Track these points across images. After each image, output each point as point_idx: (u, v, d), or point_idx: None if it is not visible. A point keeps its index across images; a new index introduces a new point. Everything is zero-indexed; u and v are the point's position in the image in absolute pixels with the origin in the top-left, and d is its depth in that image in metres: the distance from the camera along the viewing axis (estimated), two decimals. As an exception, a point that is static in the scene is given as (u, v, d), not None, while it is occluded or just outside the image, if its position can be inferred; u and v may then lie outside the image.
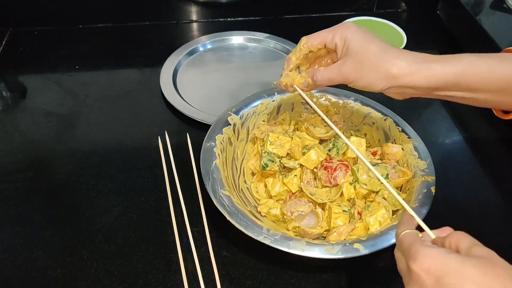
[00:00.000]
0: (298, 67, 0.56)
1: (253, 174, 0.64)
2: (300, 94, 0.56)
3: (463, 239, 0.38)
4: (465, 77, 0.47)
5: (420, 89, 0.49)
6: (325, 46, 0.53)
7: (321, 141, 0.63)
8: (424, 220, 0.52)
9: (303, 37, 0.54)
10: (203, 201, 0.60)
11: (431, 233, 0.40)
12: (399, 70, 0.48)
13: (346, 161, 0.60)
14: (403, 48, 0.83)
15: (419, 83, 0.48)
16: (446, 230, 0.41)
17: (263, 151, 0.61)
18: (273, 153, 0.61)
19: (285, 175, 0.60)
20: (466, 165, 0.69)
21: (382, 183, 0.58)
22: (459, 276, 0.34)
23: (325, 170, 0.58)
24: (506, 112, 0.53)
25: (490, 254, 0.36)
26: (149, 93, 0.79)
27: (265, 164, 0.59)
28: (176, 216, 0.59)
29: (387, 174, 0.58)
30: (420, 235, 0.40)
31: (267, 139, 0.61)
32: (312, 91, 0.69)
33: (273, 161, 0.60)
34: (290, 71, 0.55)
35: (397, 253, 0.40)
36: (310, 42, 0.53)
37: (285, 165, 0.60)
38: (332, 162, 0.58)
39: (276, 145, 0.61)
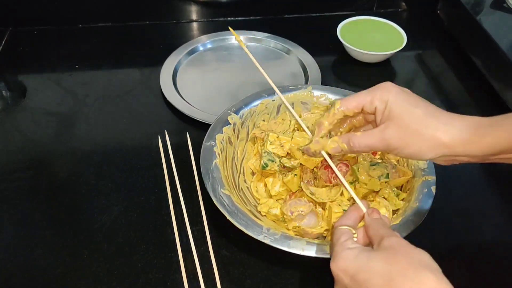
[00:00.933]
0: (330, 132, 0.51)
1: (253, 173, 0.64)
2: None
3: (379, 231, 0.40)
4: None
5: (476, 157, 0.43)
6: (362, 110, 0.47)
7: None
8: (425, 220, 0.53)
9: (337, 100, 0.48)
10: (203, 201, 0.60)
11: (363, 207, 0.44)
12: (452, 139, 0.42)
13: (347, 160, 0.59)
14: (403, 47, 0.83)
15: (477, 152, 0.42)
16: (375, 213, 0.43)
17: (263, 150, 0.61)
18: (273, 153, 0.61)
19: (285, 175, 0.60)
20: (466, 165, 0.68)
21: (382, 182, 0.58)
22: (368, 271, 0.37)
23: (325, 169, 0.58)
24: None
25: (395, 243, 0.38)
26: (149, 92, 0.79)
27: (265, 164, 0.59)
28: (176, 216, 0.59)
29: (387, 174, 0.58)
30: (354, 231, 0.42)
31: (267, 139, 0.61)
32: (312, 91, 0.69)
33: (273, 161, 0.60)
34: (322, 137, 0.50)
35: (330, 246, 0.43)
36: (345, 105, 0.47)
37: (285, 164, 0.60)
38: (332, 161, 0.58)
39: (276, 145, 0.61)
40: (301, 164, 0.60)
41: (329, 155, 0.51)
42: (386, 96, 0.45)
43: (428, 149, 0.43)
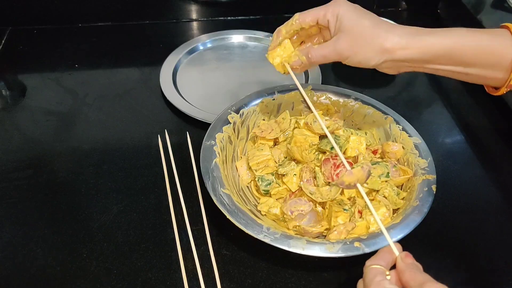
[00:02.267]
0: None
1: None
2: (292, 78, 0.55)
3: (417, 277, 0.39)
4: (457, 50, 0.48)
5: (413, 61, 0.49)
6: (317, 23, 0.53)
7: (321, 137, 0.63)
8: (425, 219, 0.53)
9: (297, 13, 0.54)
10: (203, 200, 0.60)
11: (396, 251, 0.42)
12: (393, 44, 0.48)
13: (347, 158, 0.59)
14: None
15: (413, 56, 0.48)
16: (409, 257, 0.42)
17: (256, 179, 0.60)
18: (265, 175, 0.60)
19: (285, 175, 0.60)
20: (467, 164, 0.68)
21: (383, 181, 0.58)
22: None
23: (325, 163, 0.58)
24: (497, 89, 0.53)
25: None
26: (149, 91, 0.79)
27: (265, 191, 0.60)
28: (176, 215, 0.59)
29: (388, 173, 0.58)
30: (387, 273, 0.41)
31: (253, 168, 0.61)
32: (313, 90, 0.69)
33: (270, 183, 0.60)
34: (279, 45, 0.55)
35: (359, 285, 0.42)
36: (303, 18, 0.53)
37: (282, 174, 0.60)
38: (336, 159, 0.57)
39: (261, 167, 0.61)
40: (297, 161, 0.59)
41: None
42: (337, 10, 0.50)
43: (373, 55, 0.49)
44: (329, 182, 0.57)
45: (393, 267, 0.42)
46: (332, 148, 0.60)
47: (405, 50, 0.48)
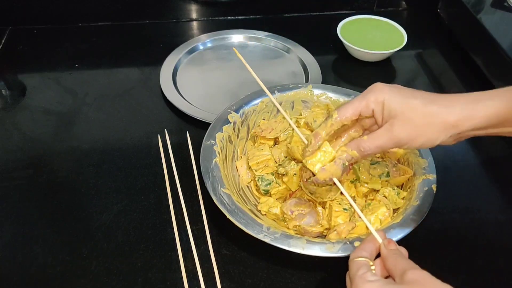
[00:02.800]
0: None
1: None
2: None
3: (398, 264, 0.40)
4: None
5: (479, 129, 0.45)
6: (359, 116, 0.48)
7: None
8: (426, 218, 0.53)
9: (334, 110, 0.49)
10: (203, 200, 0.60)
11: (378, 238, 0.43)
12: (457, 118, 0.43)
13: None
14: (404, 46, 0.83)
15: (480, 124, 0.44)
16: (391, 243, 0.42)
17: (256, 178, 0.60)
18: (265, 175, 0.60)
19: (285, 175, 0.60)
20: (467, 163, 0.68)
21: (383, 181, 0.58)
22: None
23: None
24: None
25: (421, 277, 0.37)
26: (149, 91, 0.79)
27: (264, 190, 0.60)
28: (176, 215, 0.59)
29: (388, 172, 0.58)
30: (371, 263, 0.41)
31: (253, 168, 0.61)
32: (313, 90, 0.68)
33: (269, 183, 0.60)
34: (318, 149, 0.49)
35: (347, 279, 0.42)
36: (342, 114, 0.48)
37: (282, 173, 0.60)
38: None
39: (261, 167, 0.61)
40: (297, 161, 0.59)
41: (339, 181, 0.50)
42: (381, 96, 0.45)
43: (437, 134, 0.44)
44: (313, 201, 0.57)
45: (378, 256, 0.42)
46: None
47: (472, 121, 0.44)
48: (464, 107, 0.44)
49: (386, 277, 0.41)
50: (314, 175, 0.50)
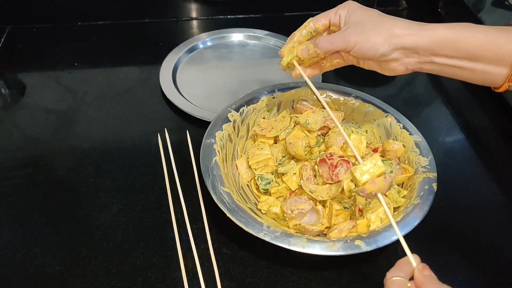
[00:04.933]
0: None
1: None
2: (299, 71, 0.55)
3: (432, 285, 0.40)
4: (465, 41, 0.48)
5: (422, 50, 0.50)
6: (329, 22, 0.54)
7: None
8: (426, 217, 0.53)
9: (309, 18, 0.56)
10: (203, 198, 0.60)
11: (413, 262, 0.42)
12: (401, 29, 0.49)
13: (347, 157, 0.59)
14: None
15: (422, 43, 0.49)
16: (426, 269, 0.42)
17: (256, 177, 0.60)
18: (265, 174, 0.60)
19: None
20: (467, 162, 0.68)
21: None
22: None
23: (322, 163, 0.58)
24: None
25: None
26: (149, 90, 0.79)
27: (264, 190, 0.59)
28: (176, 214, 0.58)
29: (391, 171, 0.57)
30: (409, 284, 0.41)
31: (252, 167, 0.60)
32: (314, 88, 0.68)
33: (269, 182, 0.59)
34: (292, 46, 0.55)
35: None
36: (315, 20, 0.55)
37: (281, 173, 0.59)
38: (332, 158, 0.57)
39: (261, 166, 0.60)
40: (296, 159, 0.59)
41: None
42: (347, 6, 0.53)
43: (382, 40, 0.49)
44: (313, 200, 0.56)
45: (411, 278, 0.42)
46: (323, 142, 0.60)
47: (414, 36, 0.49)
48: (411, 24, 0.50)
49: None
50: (356, 185, 0.49)
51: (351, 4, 0.54)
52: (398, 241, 0.45)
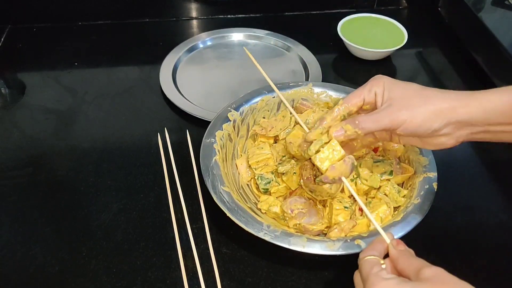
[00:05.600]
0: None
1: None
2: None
3: (411, 263, 0.39)
4: None
5: (476, 123, 0.45)
6: (363, 102, 0.49)
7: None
8: (426, 217, 0.52)
9: (340, 100, 0.50)
10: (203, 198, 0.60)
11: (387, 239, 0.42)
12: (451, 103, 0.45)
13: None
14: (404, 44, 0.83)
15: (476, 115, 0.44)
16: (400, 244, 0.42)
17: (256, 177, 0.60)
18: (265, 173, 0.60)
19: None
20: (467, 162, 0.68)
21: (383, 180, 0.58)
22: None
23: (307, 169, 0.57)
24: None
25: (438, 274, 0.37)
26: (149, 90, 0.79)
27: (264, 189, 0.59)
28: (176, 213, 0.58)
29: (391, 171, 0.57)
30: (382, 262, 0.40)
31: (252, 167, 0.60)
32: (313, 88, 0.68)
33: (269, 182, 0.59)
34: (321, 133, 0.49)
35: (356, 278, 0.41)
36: (348, 100, 0.49)
37: (282, 172, 0.59)
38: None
39: (261, 165, 0.60)
40: (296, 159, 0.59)
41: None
42: (381, 81, 0.48)
43: (434, 117, 0.45)
44: (314, 179, 0.55)
45: (386, 256, 0.42)
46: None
47: (467, 108, 0.44)
48: (459, 96, 0.45)
49: None
50: (321, 173, 0.49)
51: (384, 79, 0.48)
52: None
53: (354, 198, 0.56)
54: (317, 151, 0.49)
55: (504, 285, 0.54)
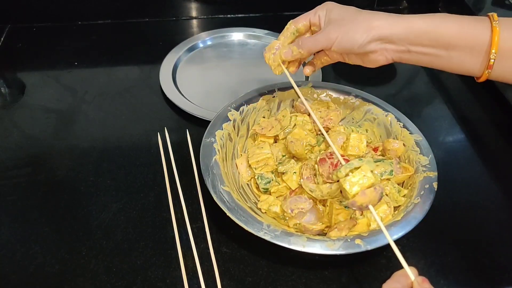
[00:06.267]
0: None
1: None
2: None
3: None
4: (440, 30, 0.50)
5: (398, 41, 0.52)
6: (309, 23, 0.58)
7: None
8: (426, 216, 0.52)
9: (290, 21, 0.59)
10: (203, 197, 0.60)
11: (411, 276, 0.42)
12: (379, 21, 0.51)
13: (347, 156, 0.59)
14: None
15: (398, 33, 0.51)
16: (425, 282, 0.42)
17: (256, 177, 0.60)
18: (264, 173, 0.60)
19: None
20: (468, 161, 0.68)
21: (383, 179, 0.58)
22: None
23: (322, 163, 0.57)
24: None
25: None
26: (149, 89, 0.78)
27: (264, 189, 0.59)
28: (176, 213, 0.58)
29: (391, 171, 0.57)
30: None
31: (252, 167, 0.60)
32: (313, 88, 0.68)
33: (269, 182, 0.59)
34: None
35: None
36: (296, 21, 0.58)
37: (282, 172, 0.59)
38: (333, 157, 0.57)
39: (261, 165, 0.60)
40: (296, 158, 0.59)
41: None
42: (325, 5, 0.56)
43: (362, 32, 0.52)
44: (313, 200, 0.56)
45: None
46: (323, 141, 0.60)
47: (391, 28, 0.51)
48: (388, 16, 0.52)
49: None
50: (344, 196, 0.49)
51: (328, 4, 0.56)
52: (398, 240, 0.45)
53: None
54: (347, 174, 0.49)
55: (504, 283, 0.54)
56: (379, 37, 0.52)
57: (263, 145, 0.62)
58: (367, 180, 0.48)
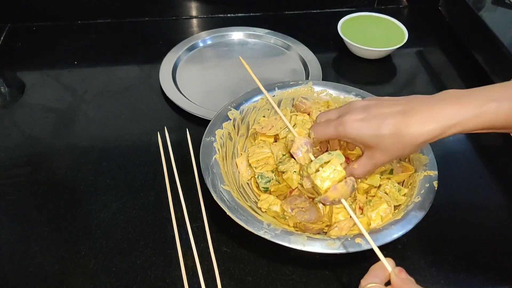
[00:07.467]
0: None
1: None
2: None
3: None
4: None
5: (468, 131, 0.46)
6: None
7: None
8: (426, 215, 0.52)
9: (311, 128, 0.53)
10: (203, 197, 0.60)
11: (388, 267, 0.42)
12: (425, 139, 0.46)
13: (347, 155, 0.59)
14: (404, 43, 0.82)
15: (461, 130, 0.45)
16: (402, 272, 0.42)
17: (256, 176, 0.60)
18: (265, 172, 0.60)
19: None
20: (468, 160, 0.68)
21: (383, 178, 0.58)
22: None
23: (321, 149, 0.57)
24: None
25: None
26: (149, 89, 0.78)
27: (264, 188, 0.59)
28: (176, 212, 0.58)
29: (391, 170, 0.57)
30: None
31: (253, 166, 0.60)
32: (313, 86, 0.68)
33: (269, 181, 0.59)
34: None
35: None
36: (317, 137, 0.52)
37: (282, 171, 0.59)
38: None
39: (261, 164, 0.60)
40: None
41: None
42: (351, 134, 0.48)
43: (409, 151, 0.48)
44: (313, 199, 0.56)
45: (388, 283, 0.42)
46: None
47: (440, 136, 0.46)
48: (430, 131, 0.45)
49: None
50: (316, 192, 0.49)
51: (353, 128, 0.49)
52: (398, 239, 0.45)
53: (354, 197, 0.57)
54: (317, 170, 0.48)
55: (504, 283, 0.54)
56: (438, 139, 0.46)
57: (263, 144, 0.62)
58: (337, 174, 0.48)
